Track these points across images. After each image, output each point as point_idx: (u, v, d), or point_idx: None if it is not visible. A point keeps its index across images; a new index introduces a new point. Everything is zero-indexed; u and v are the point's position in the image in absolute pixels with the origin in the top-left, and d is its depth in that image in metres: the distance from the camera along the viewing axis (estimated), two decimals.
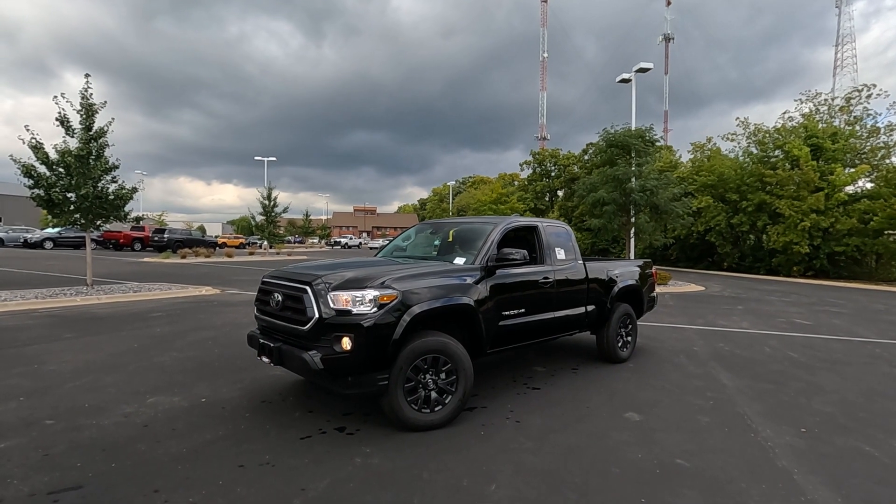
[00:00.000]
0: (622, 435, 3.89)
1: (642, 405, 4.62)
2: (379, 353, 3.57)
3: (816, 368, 6.23)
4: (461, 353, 3.98)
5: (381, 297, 3.61)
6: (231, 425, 3.84)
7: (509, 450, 3.55)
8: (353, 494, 2.86)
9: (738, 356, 6.81)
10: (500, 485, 3.02)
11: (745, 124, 28.81)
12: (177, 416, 3.99)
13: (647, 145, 18.28)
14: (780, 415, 4.44)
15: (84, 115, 11.23)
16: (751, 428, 4.09)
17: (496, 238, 4.73)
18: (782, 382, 5.53)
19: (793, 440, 3.86)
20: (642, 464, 3.38)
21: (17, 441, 3.45)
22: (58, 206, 10.94)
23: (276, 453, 3.37)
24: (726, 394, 5.04)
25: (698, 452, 3.59)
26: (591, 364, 6.11)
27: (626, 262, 6.76)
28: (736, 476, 3.22)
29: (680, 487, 3.06)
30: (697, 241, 29.46)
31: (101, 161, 11.17)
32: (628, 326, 6.37)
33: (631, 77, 21.76)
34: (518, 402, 4.59)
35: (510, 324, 4.59)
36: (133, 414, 4.01)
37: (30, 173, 10.57)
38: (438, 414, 3.88)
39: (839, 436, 3.98)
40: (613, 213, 17.88)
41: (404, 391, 3.73)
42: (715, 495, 2.97)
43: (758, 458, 3.52)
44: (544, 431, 3.92)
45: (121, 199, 11.66)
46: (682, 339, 7.90)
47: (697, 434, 3.95)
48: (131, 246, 32.09)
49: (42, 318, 8.19)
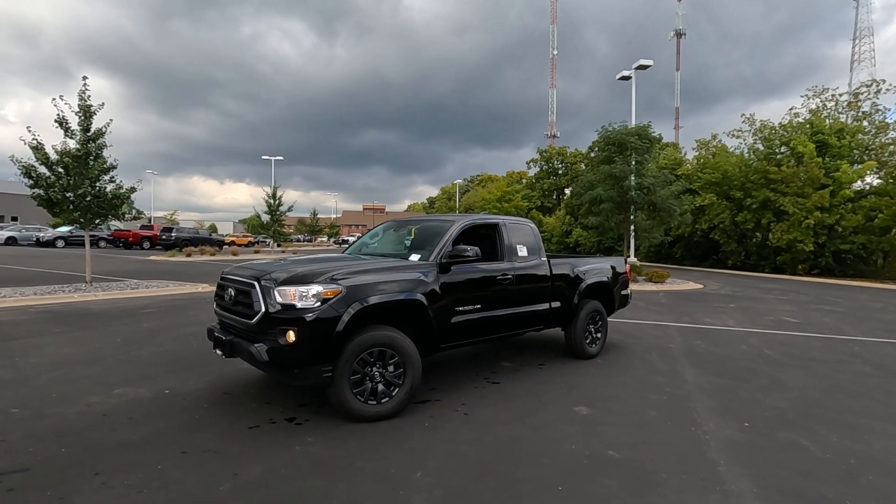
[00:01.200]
0: (566, 428, 3.98)
1: (596, 400, 4.70)
2: (322, 346, 3.71)
3: (787, 366, 6.24)
4: (409, 347, 4.10)
5: (325, 292, 3.75)
6: (187, 415, 4.00)
7: (449, 441, 3.66)
8: (283, 480, 2.99)
9: (711, 353, 6.83)
10: (427, 472, 3.14)
11: (751, 121, 28.45)
12: (137, 407, 4.16)
13: (644, 143, 18.19)
14: (730, 410, 4.49)
15: (82, 117, 11.54)
16: (695, 422, 4.15)
17: (452, 236, 4.84)
18: (746, 379, 5.57)
19: (732, 434, 3.92)
20: (574, 455, 3.47)
21: None
22: (57, 205, 11.27)
23: (222, 441, 3.52)
24: (685, 389, 5.09)
25: (634, 444, 3.67)
26: (559, 360, 6.19)
27: (596, 260, 6.82)
28: (661, 467, 3.30)
29: (602, 477, 3.14)
30: (701, 239, 29.22)
31: (98, 161, 11.47)
32: (598, 323, 6.43)
33: (631, 74, 21.69)
34: (473, 396, 4.70)
35: (465, 319, 4.69)
36: (96, 404, 4.20)
37: (29, 173, 10.91)
38: (385, 406, 4.00)
39: (782, 430, 4.02)
40: (610, 210, 17.85)
41: (350, 383, 3.86)
42: (633, 484, 3.06)
43: (690, 450, 3.59)
44: (490, 424, 4.02)
45: (118, 199, 11.96)
46: (661, 337, 7.93)
47: (641, 427, 4.02)
48: (140, 244, 32.71)
49: (36, 314, 8.47)
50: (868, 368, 6.21)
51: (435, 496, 2.85)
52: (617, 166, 17.70)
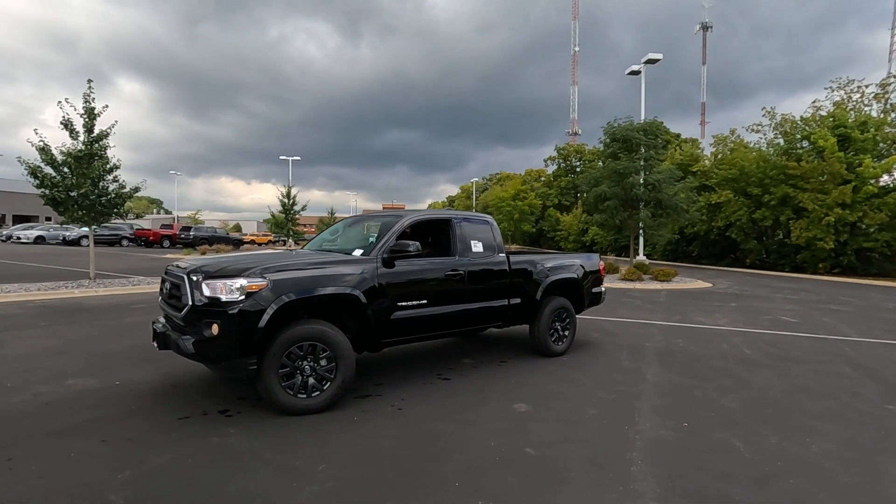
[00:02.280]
0: (496, 424, 3.93)
1: (541, 397, 4.63)
2: (246, 339, 3.75)
3: (760, 366, 6.03)
4: (341, 342, 4.11)
5: (249, 285, 3.79)
6: (125, 405, 4.11)
7: (369, 435, 3.66)
8: (184, 469, 3.04)
9: (686, 352, 6.65)
10: (331, 466, 3.14)
11: (772, 114, 27.53)
12: (82, 397, 4.29)
13: (651, 139, 17.80)
14: (676, 410, 4.37)
15: (87, 119, 11.94)
16: (632, 421, 4.05)
17: (396, 231, 4.83)
18: (709, 378, 5.40)
19: (665, 434, 3.80)
20: (490, 451, 3.42)
21: None
22: (61, 204, 11.70)
23: (146, 431, 3.60)
24: (639, 388, 4.97)
25: (556, 442, 3.60)
26: (522, 357, 6.12)
27: (563, 256, 6.71)
28: (573, 465, 3.23)
29: (508, 474, 3.09)
30: (718, 237, 28.43)
31: (100, 162, 11.85)
32: (565, 320, 6.33)
33: (640, 69, 21.27)
34: (416, 392, 4.68)
35: (408, 315, 4.68)
36: (44, 394, 4.34)
37: (35, 173, 11.35)
38: (316, 399, 4.03)
39: (721, 431, 3.88)
40: (615, 208, 17.53)
41: (279, 376, 3.90)
42: (536, 481, 3.00)
43: (611, 449, 3.50)
44: (420, 419, 4.00)
45: (120, 198, 12.34)
46: (642, 335, 7.76)
47: (572, 425, 3.94)
48: (160, 243, 33.68)
49: (32, 308, 8.82)
50: (847, 370, 5.94)
51: (326, 488, 2.86)
52: (621, 163, 17.37)
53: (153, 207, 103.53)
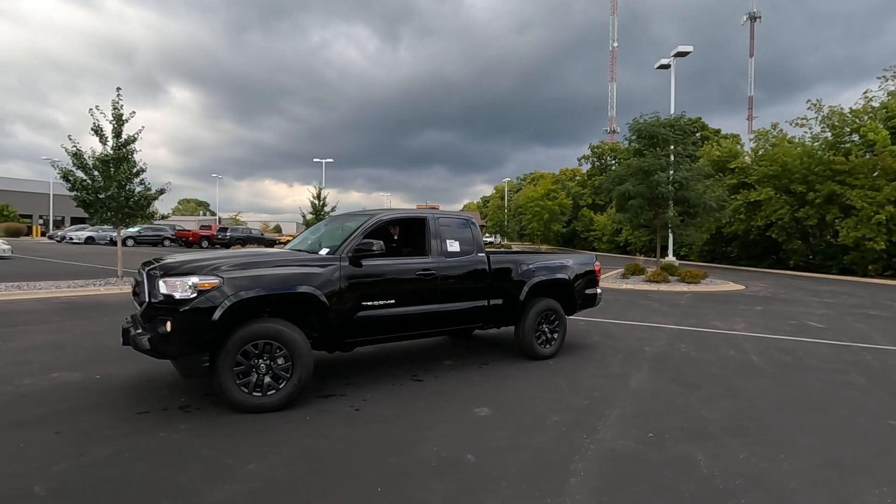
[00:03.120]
0: (448, 428, 3.82)
1: (508, 402, 4.47)
2: (197, 336, 3.80)
3: (763, 374, 5.63)
4: (298, 341, 4.10)
5: (202, 283, 3.83)
6: (94, 399, 4.24)
7: (315, 435, 3.63)
8: (118, 463, 3.09)
9: (686, 358, 6.31)
10: (262, 465, 3.12)
11: (818, 107, 25.90)
12: (59, 389, 4.46)
13: (679, 135, 17.08)
14: (648, 419, 4.12)
15: (115, 124, 12.55)
16: (593, 430, 3.84)
17: (363, 230, 4.79)
18: (699, 386, 5.08)
19: (624, 444, 3.58)
20: (429, 456, 3.32)
21: None
22: (91, 205, 12.34)
23: (101, 425, 3.70)
24: (617, 395, 4.73)
25: (502, 450, 3.45)
26: (508, 360, 5.96)
27: (553, 256, 6.49)
28: (509, 474, 3.08)
29: (436, 480, 2.98)
30: (758, 237, 26.98)
31: (126, 165, 12.43)
32: (553, 323, 6.12)
33: (670, 62, 20.52)
34: (382, 393, 4.62)
35: (374, 315, 4.63)
36: (26, 385, 4.55)
37: (67, 177, 12.02)
38: (271, 398, 4.03)
39: (687, 443, 3.63)
40: (640, 206, 16.92)
41: (234, 374, 3.92)
42: (462, 489, 2.88)
43: (557, 459, 3.32)
44: (372, 421, 3.94)
45: (145, 200, 12.91)
46: (645, 339, 7.42)
47: (528, 432, 3.78)
48: (199, 243, 35.10)
49: (54, 305, 9.33)
50: (861, 381, 5.46)
51: (244, 488, 2.84)
52: (646, 160, 16.75)
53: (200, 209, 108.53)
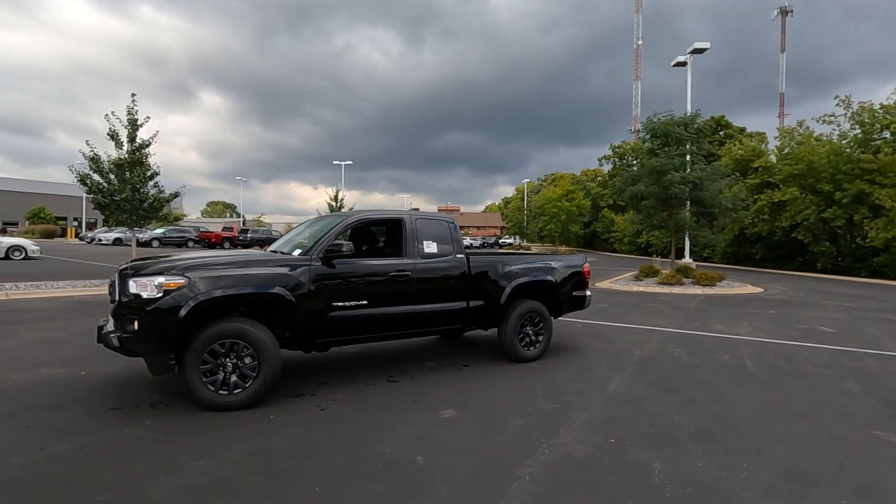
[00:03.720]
0: (407, 430, 3.81)
1: (476, 404, 4.44)
2: (163, 334, 3.89)
3: (752, 380, 5.45)
4: (264, 341, 4.16)
5: (167, 283, 3.92)
6: (71, 394, 4.38)
7: (272, 434, 3.67)
8: (75, 457, 3.19)
9: (676, 363, 6.15)
10: (211, 462, 3.18)
11: (847, 103, 24.90)
12: (41, 385, 4.63)
13: (693, 135, 16.68)
14: (614, 424, 4.03)
15: (129, 129, 12.98)
16: (554, 434, 3.78)
17: (336, 231, 4.83)
18: (679, 392, 4.95)
19: (581, 449, 3.51)
20: (377, 457, 3.32)
21: None
22: (107, 207, 12.79)
23: (71, 420, 3.82)
24: (590, 399, 4.64)
25: (454, 452, 3.43)
26: (489, 362, 5.91)
27: (538, 257, 6.42)
28: (455, 477, 3.05)
29: (376, 482, 2.98)
30: (783, 239, 26.09)
31: (139, 169, 12.83)
32: (538, 325, 6.04)
33: (686, 59, 20.08)
34: (353, 393, 4.65)
35: (345, 315, 4.66)
36: (12, 381, 4.73)
37: (84, 181, 12.48)
38: (237, 396, 4.10)
39: (647, 450, 3.53)
40: (653, 207, 16.58)
41: (200, 372, 4.00)
42: (400, 492, 2.87)
43: (506, 463, 3.28)
44: (333, 421, 3.96)
45: (158, 202, 13.30)
46: (638, 343, 7.27)
47: (486, 435, 3.74)
48: (221, 244, 35.96)
49: (65, 303, 9.69)
50: (856, 388, 5.23)
51: (187, 484, 2.89)
52: (659, 159, 16.40)
53: (228, 211, 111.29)
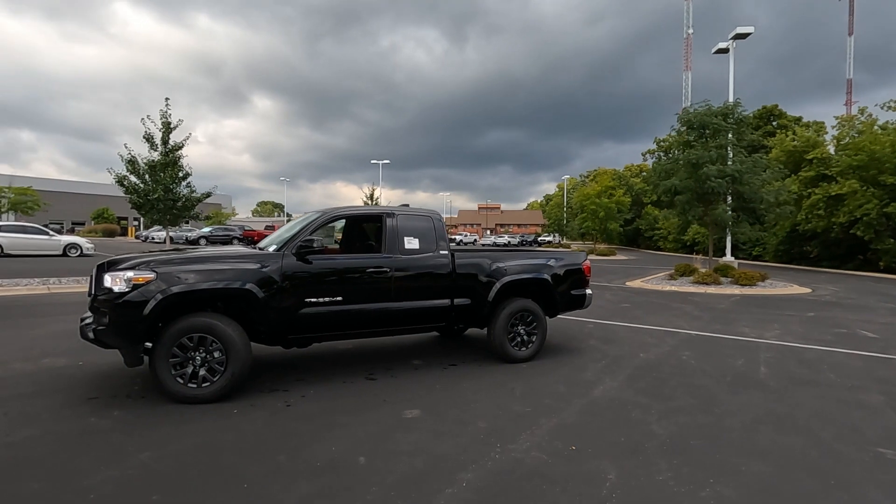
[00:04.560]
0: (362, 430, 3.73)
1: (445, 405, 4.31)
2: (131, 328, 3.99)
3: (758, 388, 5.02)
4: (231, 336, 4.19)
5: (136, 278, 4.02)
6: (61, 384, 4.58)
7: (230, 428, 3.68)
8: (33, 444, 3.31)
9: (679, 367, 5.76)
10: (155, 454, 3.22)
11: None
12: (38, 374, 4.87)
13: (733, 125, 15.71)
14: (583, 431, 3.79)
15: (163, 132, 13.62)
16: (514, 439, 3.59)
17: (311, 227, 4.81)
18: (669, 399, 4.62)
19: (536, 456, 3.32)
20: (319, 457, 3.25)
21: None
22: (142, 207, 13.48)
23: (47, 408, 3.98)
24: (568, 404, 4.41)
25: (404, 453, 3.32)
26: (479, 362, 5.75)
27: (532, 254, 6.16)
28: (388, 480, 2.95)
29: (305, 483, 2.92)
30: (841, 236, 24.18)
31: (172, 170, 13.44)
32: (530, 324, 5.82)
33: (729, 46, 18.98)
34: (326, 390, 4.62)
35: (318, 311, 4.64)
36: (16, 369, 5.01)
37: (121, 182, 13.21)
38: (205, 390, 4.15)
39: (608, 460, 3.29)
40: (688, 202, 15.74)
41: (170, 365, 4.09)
42: (325, 494, 2.79)
43: (452, 467, 3.13)
44: (294, 418, 3.93)
45: (189, 202, 13.88)
46: (646, 345, 6.88)
47: (441, 438, 3.61)
48: None
49: None
50: (877, 400, 4.71)
51: (124, 474, 2.94)
52: (695, 151, 15.55)
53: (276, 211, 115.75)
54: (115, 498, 2.70)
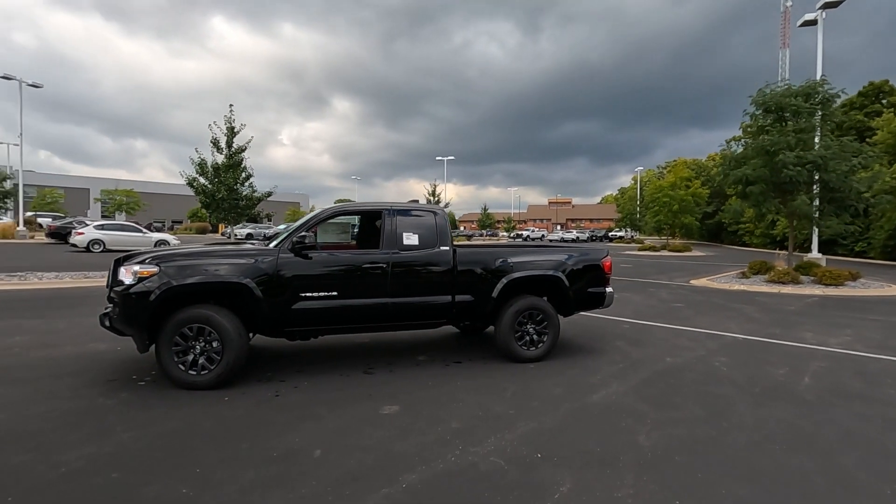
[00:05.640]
0: (335, 423, 3.78)
1: (427, 403, 4.25)
2: (137, 317, 4.33)
3: (785, 401, 4.46)
4: (227, 327, 4.41)
5: (141, 271, 4.35)
6: (92, 366, 5.07)
7: (212, 415, 3.88)
8: (35, 421, 3.69)
9: (707, 375, 5.27)
10: (136, 435, 3.46)
11: None
12: (78, 357, 5.42)
13: (817, 106, 14.03)
14: (557, 438, 3.57)
15: (228, 136, 14.65)
16: (480, 442, 3.46)
17: (307, 224, 4.94)
18: (676, 408, 4.23)
19: (493, 461, 3.17)
20: (279, 446, 3.33)
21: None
22: (209, 206, 14.61)
23: (67, 388, 4.40)
24: (557, 408, 4.17)
25: (360, 449, 3.32)
26: (485, 361, 5.60)
27: (542, 250, 5.90)
28: (332, 475, 2.95)
29: (253, 471, 2.99)
30: None
31: (235, 171, 14.43)
32: (540, 323, 5.58)
33: (817, 17, 17.05)
34: (320, 383, 4.72)
35: (312, 306, 4.76)
36: (64, 350, 5.63)
37: (191, 183, 14.39)
38: (204, 377, 4.41)
39: (568, 470, 3.07)
40: (762, 193, 14.29)
41: (173, 353, 4.39)
42: (264, 484, 2.85)
43: (399, 467, 3.08)
44: (276, 408, 4.06)
45: (250, 201, 14.84)
46: (679, 349, 6.36)
47: (407, 436, 3.56)
48: None
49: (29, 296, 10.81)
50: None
51: (100, 451, 3.20)
52: (770, 137, 14.07)
53: None
54: (80, 472, 2.94)
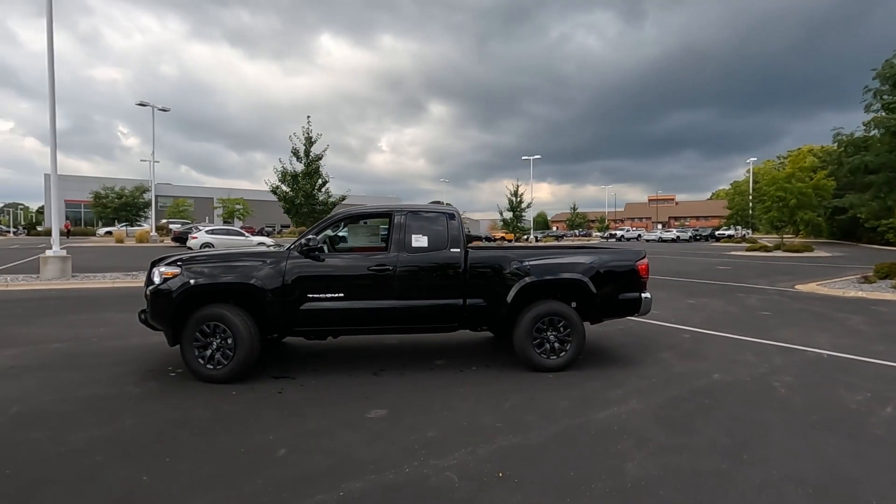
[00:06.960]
0: (317, 424, 3.81)
1: (417, 409, 4.15)
2: (162, 314, 4.74)
3: (840, 434, 3.69)
4: (238, 325, 4.67)
5: (166, 272, 4.76)
6: (133, 357, 5.59)
7: (212, 408, 4.11)
8: (70, 402, 4.18)
9: (759, 395, 4.56)
10: (137, 422, 3.77)
11: None
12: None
13: None
14: (531, 458, 3.27)
15: (306, 145, 15.67)
16: (447, 455, 3.28)
17: (321, 226, 5.06)
18: (696, 434, 3.69)
19: (446, 477, 2.98)
20: (250, 445, 3.41)
21: None
22: (290, 211, 15.73)
23: (110, 376, 4.92)
24: (552, 426, 3.83)
25: (323, 452, 3.32)
26: (500, 369, 5.32)
27: (567, 252, 5.46)
28: (277, 478, 2.97)
29: (211, 467, 3.11)
30: None
31: (312, 178, 15.39)
32: (561, 330, 5.20)
33: None
34: (327, 383, 4.81)
35: (320, 307, 4.87)
36: (103, 344, 6.24)
37: (275, 191, 15.60)
38: (219, 371, 4.71)
39: (524, 495, 2.79)
40: (886, 182, 12.09)
41: (193, 348, 4.75)
42: (210, 481, 2.95)
43: (348, 474, 3.01)
44: (272, 406, 4.19)
45: (327, 206, 15.73)
46: (736, 363, 5.59)
47: (376, 442, 3.49)
48: None
49: (132, 292, 11.72)
50: None
51: (99, 436, 3.53)
52: None
53: None
54: (75, 453, 3.27)
